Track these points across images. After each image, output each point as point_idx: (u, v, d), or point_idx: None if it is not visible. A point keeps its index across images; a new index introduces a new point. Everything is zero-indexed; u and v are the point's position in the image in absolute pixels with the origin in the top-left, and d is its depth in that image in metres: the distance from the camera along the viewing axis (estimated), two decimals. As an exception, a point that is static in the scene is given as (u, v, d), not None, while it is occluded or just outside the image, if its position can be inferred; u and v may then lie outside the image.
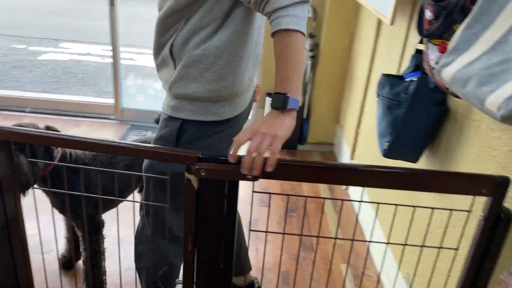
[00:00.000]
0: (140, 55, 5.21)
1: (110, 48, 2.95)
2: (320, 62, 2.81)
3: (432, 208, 1.02)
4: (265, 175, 0.98)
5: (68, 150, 1.53)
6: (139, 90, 3.20)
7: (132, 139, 1.78)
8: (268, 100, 2.93)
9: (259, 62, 1.22)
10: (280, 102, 0.95)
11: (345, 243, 2.12)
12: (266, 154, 0.94)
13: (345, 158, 2.71)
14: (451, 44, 0.92)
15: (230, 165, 0.99)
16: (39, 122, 1.57)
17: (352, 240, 1.04)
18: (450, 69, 0.89)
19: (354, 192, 2.47)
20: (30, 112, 3.11)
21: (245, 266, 1.62)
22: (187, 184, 1.02)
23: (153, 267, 1.27)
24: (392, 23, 1.56)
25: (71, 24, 6.37)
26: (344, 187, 2.61)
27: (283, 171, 1.00)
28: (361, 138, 2.41)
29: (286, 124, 0.96)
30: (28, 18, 6.45)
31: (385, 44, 2.07)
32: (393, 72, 1.89)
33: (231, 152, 0.92)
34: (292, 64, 0.95)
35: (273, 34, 0.96)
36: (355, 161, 2.48)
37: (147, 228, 1.28)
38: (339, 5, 2.65)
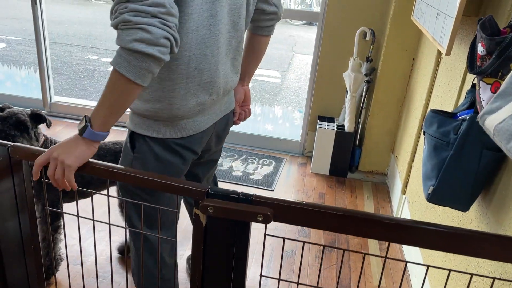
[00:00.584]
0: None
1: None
2: (376, 87, 2.66)
3: (493, 278, 0.86)
4: (282, 219, 0.90)
5: (50, 137, 1.71)
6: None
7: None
8: (320, 124, 2.83)
9: (218, 89, 1.22)
10: (81, 128, 1.00)
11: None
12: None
13: (396, 191, 2.52)
14: (501, 87, 0.79)
15: (241, 204, 0.92)
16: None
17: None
18: (494, 118, 0.75)
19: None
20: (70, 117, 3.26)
21: None
22: (195, 219, 0.96)
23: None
24: (448, 53, 1.41)
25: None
26: (393, 223, 2.43)
27: (308, 217, 0.91)
28: (414, 172, 2.23)
29: (79, 152, 0.98)
30: (103, 30, 6.87)
31: (444, 75, 1.90)
32: (450, 107, 1.71)
33: (33, 172, 0.99)
34: (106, 99, 0.98)
35: None
36: (407, 196, 2.29)
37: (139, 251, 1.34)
38: (400, 29, 2.49)
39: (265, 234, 0.99)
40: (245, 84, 1.50)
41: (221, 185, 2.63)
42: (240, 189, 2.59)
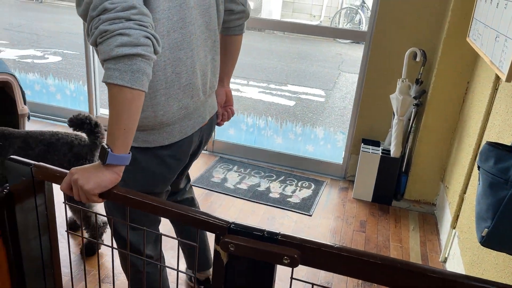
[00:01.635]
0: (246, 87, 5.32)
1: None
2: (426, 111, 2.50)
3: None
4: (311, 263, 0.82)
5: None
6: (232, 123, 3.19)
7: (219, 171, 1.80)
8: (364, 147, 2.69)
9: (198, 90, 1.24)
10: (102, 155, 0.95)
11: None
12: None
13: (445, 224, 2.33)
14: None
15: (266, 243, 0.84)
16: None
17: None
18: None
19: (453, 265, 2.09)
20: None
21: (207, 264, 1.79)
22: (215, 256, 0.88)
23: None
24: (508, 79, 1.27)
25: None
26: (441, 258, 2.23)
27: (341, 263, 0.80)
28: (466, 205, 2.04)
29: (102, 179, 0.94)
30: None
31: (503, 103, 1.73)
32: (509, 138, 1.55)
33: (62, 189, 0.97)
34: (115, 118, 0.94)
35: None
36: (457, 231, 2.10)
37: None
38: (454, 50, 2.33)
39: (291, 278, 0.89)
40: (225, 85, 1.54)
41: (258, 207, 2.55)
42: (277, 212, 2.51)
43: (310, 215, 2.52)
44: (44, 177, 0.99)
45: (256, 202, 2.60)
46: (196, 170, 2.89)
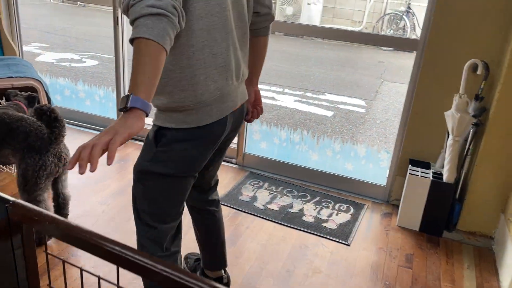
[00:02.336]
0: (282, 95, 5.08)
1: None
2: (487, 132, 2.17)
3: None
4: None
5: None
6: (264, 136, 2.96)
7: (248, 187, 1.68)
8: (412, 169, 2.39)
9: (231, 72, 1.31)
10: (123, 102, 0.94)
11: None
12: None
13: (507, 261, 2.00)
14: None
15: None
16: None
17: None
18: None
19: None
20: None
21: (223, 263, 1.81)
22: None
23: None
24: None
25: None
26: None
27: None
28: (537, 248, 1.71)
29: (128, 122, 0.93)
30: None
31: None
32: None
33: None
34: (140, 68, 0.96)
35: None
36: (524, 277, 1.77)
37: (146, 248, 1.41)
38: (524, 63, 2.00)
39: None
40: (254, 84, 1.62)
41: (289, 232, 2.30)
42: (311, 239, 2.25)
43: (348, 245, 2.24)
44: (21, 218, 0.80)
45: (288, 226, 2.34)
46: (224, 186, 2.68)
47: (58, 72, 5.31)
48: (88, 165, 0.85)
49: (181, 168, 1.34)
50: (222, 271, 1.83)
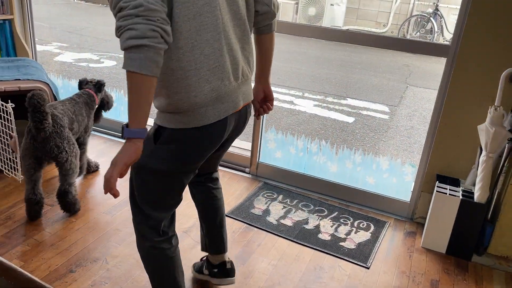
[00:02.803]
0: (301, 99, 4.91)
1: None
2: (526, 148, 1.96)
3: None
4: None
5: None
6: (280, 145, 2.80)
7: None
8: (439, 186, 2.20)
9: (228, 73, 1.31)
10: (122, 133, 1.14)
11: None
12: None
13: (548, 299, 1.78)
14: None
15: None
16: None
17: None
18: None
19: None
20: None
21: (222, 247, 1.81)
22: None
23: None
24: None
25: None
26: None
27: None
28: None
29: (124, 153, 1.13)
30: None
31: None
32: None
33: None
34: (129, 99, 1.11)
35: None
36: None
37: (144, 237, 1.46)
38: None
39: None
40: (262, 82, 1.60)
41: (304, 250, 2.13)
42: (327, 260, 2.08)
43: (368, 268, 2.06)
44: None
45: (302, 245, 2.18)
46: (236, 197, 2.53)
47: (75, 72, 5.27)
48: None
49: (177, 166, 1.37)
50: (225, 256, 1.83)
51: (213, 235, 1.79)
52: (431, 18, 7.52)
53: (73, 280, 1.83)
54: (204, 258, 1.91)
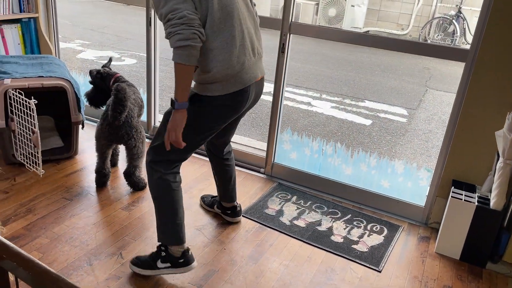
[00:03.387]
0: (318, 101, 4.90)
1: (291, 89, 2.65)
2: (545, 156, 1.93)
3: None
4: None
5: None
6: (295, 146, 2.81)
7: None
8: (454, 191, 2.18)
9: (249, 50, 1.71)
10: (171, 104, 1.61)
11: None
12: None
13: None
14: None
15: None
16: (194, 162, 2.87)
17: None
18: None
19: None
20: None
21: (234, 197, 2.28)
22: None
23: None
24: None
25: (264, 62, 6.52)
26: None
27: None
28: None
29: (174, 119, 1.61)
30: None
31: None
32: None
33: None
34: (177, 82, 1.57)
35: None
36: None
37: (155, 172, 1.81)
38: None
39: None
40: None
41: (316, 252, 2.14)
42: (338, 262, 2.08)
43: (379, 271, 2.05)
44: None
45: (314, 246, 2.19)
46: (250, 196, 2.56)
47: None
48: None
49: (205, 125, 1.74)
50: (235, 202, 2.30)
51: (226, 189, 2.24)
52: (454, 21, 7.40)
53: (89, 273, 1.88)
54: (216, 198, 2.36)
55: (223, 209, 2.32)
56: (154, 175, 1.80)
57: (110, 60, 2.67)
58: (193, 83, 1.72)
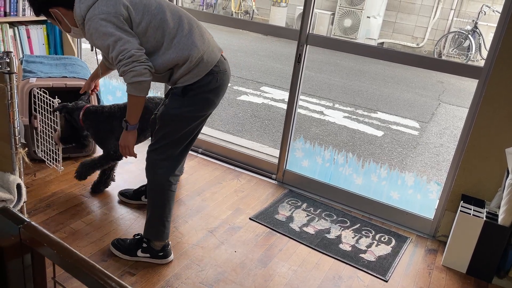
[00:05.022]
0: (331, 110, 4.95)
1: (307, 98, 2.72)
2: (554, 174, 1.96)
3: None
4: None
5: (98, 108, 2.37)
6: (307, 154, 2.86)
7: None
8: (463, 206, 2.21)
9: (203, 31, 1.93)
10: (124, 127, 1.88)
11: None
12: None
13: None
14: None
15: None
16: (207, 166, 2.92)
17: None
18: None
19: None
20: (202, 153, 3.12)
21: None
22: None
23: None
24: None
25: (280, 70, 6.61)
26: None
27: None
28: None
29: (127, 138, 1.90)
30: (242, 59, 6.97)
31: None
32: None
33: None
34: (131, 109, 1.83)
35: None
36: None
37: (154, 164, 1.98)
38: None
39: None
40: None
41: (324, 259, 2.19)
42: (346, 270, 2.13)
43: (386, 281, 2.09)
44: (30, 242, 0.77)
45: (323, 253, 2.23)
46: (261, 202, 2.61)
47: (114, 72, 5.49)
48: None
49: (200, 109, 1.89)
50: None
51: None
52: (469, 36, 7.41)
53: (104, 269, 1.95)
54: (143, 188, 2.48)
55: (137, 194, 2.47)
56: (156, 175, 1.96)
57: (86, 93, 2.46)
58: (179, 80, 1.87)
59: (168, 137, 1.91)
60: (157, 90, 4.61)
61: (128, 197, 2.48)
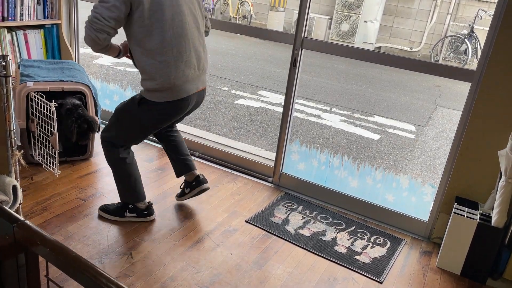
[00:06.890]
0: (328, 114, 4.97)
1: (304, 102, 2.73)
2: (546, 176, 1.98)
3: None
4: None
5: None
6: (303, 157, 2.88)
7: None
8: (457, 208, 2.23)
9: (194, 65, 2.05)
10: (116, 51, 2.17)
11: None
12: None
13: (560, 328, 1.79)
14: None
15: None
16: (204, 169, 2.96)
17: None
18: None
19: None
20: (199, 156, 3.14)
21: (192, 166, 2.46)
22: None
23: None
24: None
25: (277, 74, 6.64)
26: None
27: None
28: None
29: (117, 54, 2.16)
30: (240, 63, 7.01)
31: None
32: None
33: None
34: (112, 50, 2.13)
35: None
36: None
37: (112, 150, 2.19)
38: None
39: None
40: None
41: (319, 261, 2.20)
42: (341, 272, 2.14)
43: (381, 282, 2.11)
44: (24, 241, 0.78)
45: (318, 255, 2.25)
46: (257, 204, 2.63)
47: (112, 76, 5.51)
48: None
49: (150, 123, 2.10)
50: (195, 172, 2.45)
51: (181, 156, 2.45)
52: (466, 40, 7.46)
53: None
54: (182, 185, 2.51)
55: (189, 185, 2.46)
56: (112, 155, 2.18)
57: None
58: (142, 88, 2.05)
59: (119, 130, 2.13)
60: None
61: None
